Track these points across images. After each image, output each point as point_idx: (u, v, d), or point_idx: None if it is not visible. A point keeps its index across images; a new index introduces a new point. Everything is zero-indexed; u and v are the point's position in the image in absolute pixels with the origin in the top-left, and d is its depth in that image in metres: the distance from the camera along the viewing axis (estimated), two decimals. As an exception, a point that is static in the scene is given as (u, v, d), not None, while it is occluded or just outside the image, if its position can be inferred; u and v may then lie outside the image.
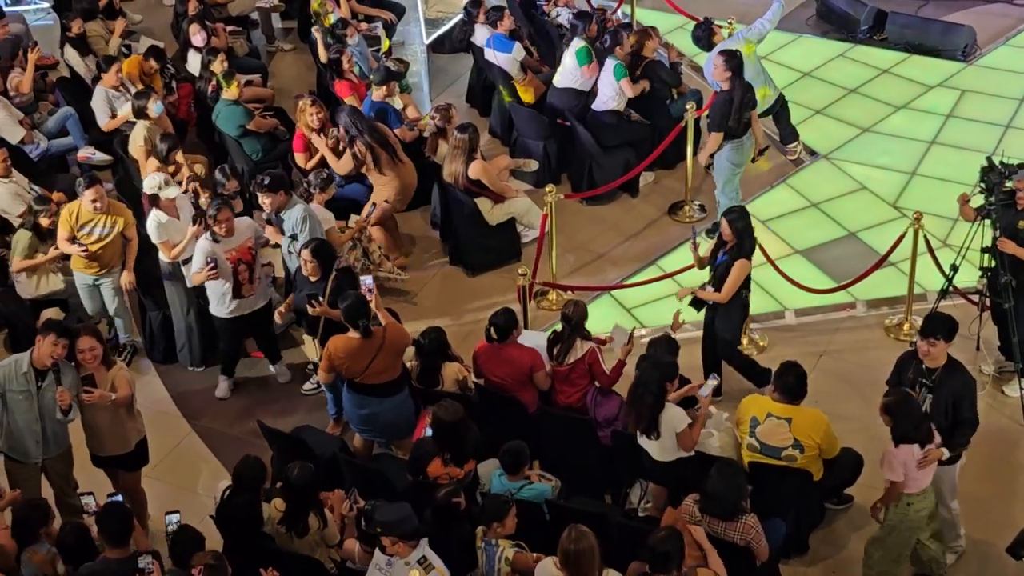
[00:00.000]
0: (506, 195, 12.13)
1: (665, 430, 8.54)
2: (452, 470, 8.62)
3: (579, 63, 12.83)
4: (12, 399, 8.76)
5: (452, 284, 12.20)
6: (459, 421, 8.62)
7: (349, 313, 9.35)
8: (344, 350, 9.41)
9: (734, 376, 10.38)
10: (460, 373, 9.65)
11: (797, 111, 13.57)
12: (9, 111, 12.92)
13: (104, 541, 7.83)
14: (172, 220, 10.67)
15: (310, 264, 9.97)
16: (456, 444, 8.65)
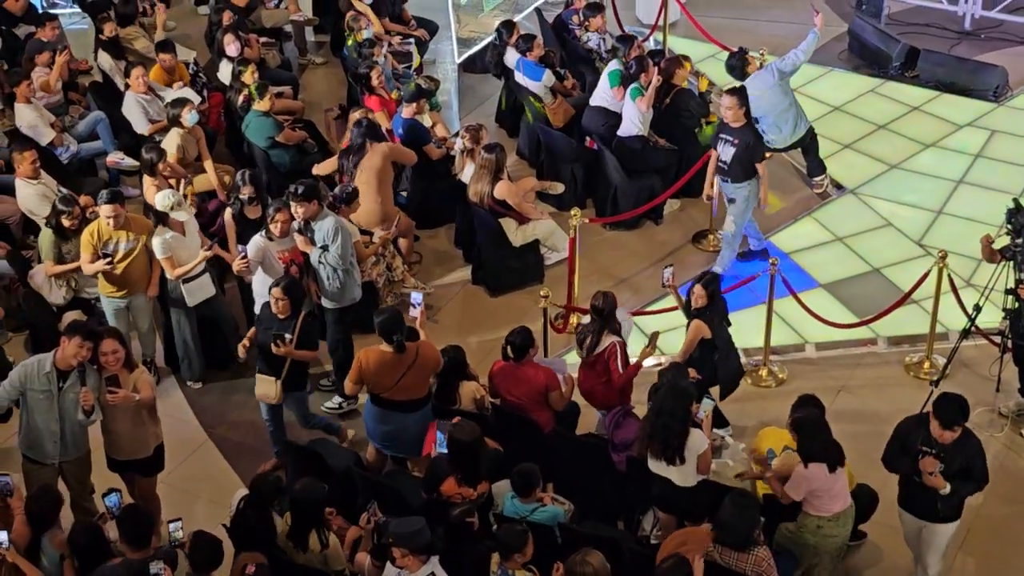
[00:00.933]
0: (531, 217, 12.16)
1: (689, 455, 8.49)
2: (465, 490, 8.62)
3: (610, 84, 12.89)
4: (32, 398, 8.79)
5: (473, 303, 12.23)
6: (474, 441, 8.63)
7: (384, 327, 9.36)
8: (376, 363, 9.41)
9: (750, 409, 10.37)
10: (477, 392, 9.66)
11: (826, 145, 13.58)
12: (40, 113, 13.00)
13: (124, 543, 7.85)
14: (178, 236, 10.58)
15: (281, 302, 9.64)
16: (470, 464, 8.66)
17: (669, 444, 8.47)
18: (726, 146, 11.54)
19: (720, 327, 9.95)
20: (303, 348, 9.70)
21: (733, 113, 11.52)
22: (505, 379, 9.63)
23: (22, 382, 8.80)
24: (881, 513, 9.07)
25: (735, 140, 11.48)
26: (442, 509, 8.30)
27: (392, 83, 13.84)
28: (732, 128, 11.54)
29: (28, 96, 12.89)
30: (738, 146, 11.45)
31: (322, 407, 10.87)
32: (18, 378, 8.81)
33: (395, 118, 12.87)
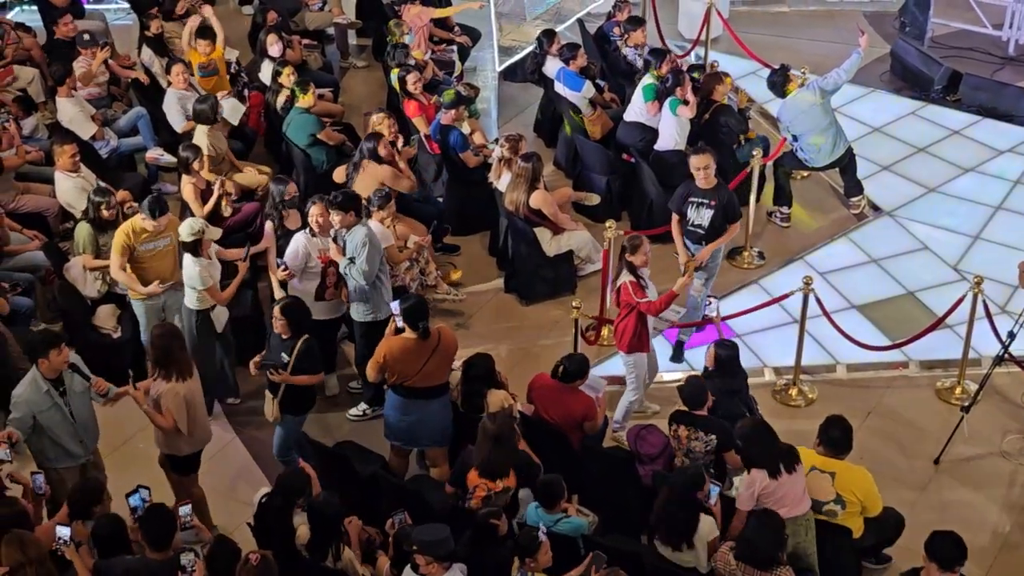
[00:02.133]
0: (566, 227, 12.16)
1: (699, 542, 8.29)
2: (487, 482, 8.69)
3: (644, 98, 12.88)
4: (44, 418, 8.87)
5: (505, 311, 12.24)
6: (500, 434, 8.69)
7: (410, 313, 9.42)
8: (400, 350, 9.45)
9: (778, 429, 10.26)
10: (506, 400, 9.64)
11: (864, 166, 13.53)
12: (82, 107, 13.08)
13: (145, 543, 7.89)
14: (212, 263, 10.43)
15: (279, 322, 9.58)
16: (495, 456, 8.71)
17: (675, 530, 8.29)
18: (701, 210, 11.00)
19: (729, 402, 9.61)
20: (301, 373, 9.56)
21: (708, 175, 10.96)
22: (544, 396, 9.63)
23: (31, 411, 8.86)
24: (907, 538, 9.02)
25: (711, 202, 10.97)
26: (467, 515, 8.30)
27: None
28: (705, 191, 11.01)
29: (70, 90, 12.97)
30: (716, 207, 10.97)
31: (347, 414, 10.90)
32: (26, 410, 8.84)
33: (433, 124, 12.89)
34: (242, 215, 12.09)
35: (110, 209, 10.95)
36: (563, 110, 13.82)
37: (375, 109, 14.08)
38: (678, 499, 8.30)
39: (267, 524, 8.47)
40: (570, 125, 13.69)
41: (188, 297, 10.40)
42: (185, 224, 10.30)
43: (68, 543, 7.81)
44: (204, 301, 10.36)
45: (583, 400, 9.53)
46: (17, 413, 8.85)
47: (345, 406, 10.98)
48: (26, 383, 8.91)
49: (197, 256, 10.21)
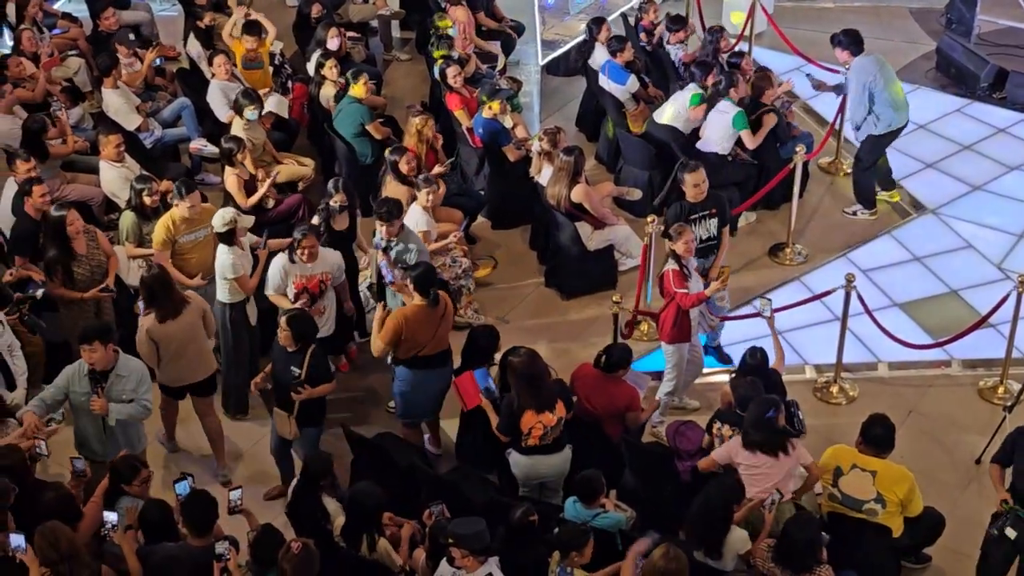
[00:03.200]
0: (607, 221, 12.12)
1: (728, 552, 8.24)
2: (545, 417, 8.84)
3: (690, 103, 12.75)
4: (76, 400, 8.98)
5: (545, 306, 12.22)
6: (533, 369, 8.89)
7: (420, 281, 9.53)
8: (415, 319, 9.58)
9: (818, 426, 10.28)
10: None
11: (909, 163, 13.47)
12: (127, 98, 13.13)
13: (187, 528, 7.93)
14: (244, 253, 10.45)
15: (284, 333, 9.38)
16: (540, 388, 8.88)
17: (705, 540, 8.23)
18: (706, 222, 10.80)
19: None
20: (315, 383, 9.47)
21: (703, 191, 10.77)
22: (587, 385, 9.62)
23: (66, 384, 8.99)
24: (947, 537, 8.96)
25: (712, 211, 10.84)
26: (504, 509, 8.30)
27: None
28: (702, 203, 10.81)
29: (115, 81, 13.04)
30: (717, 213, 10.87)
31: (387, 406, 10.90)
32: (63, 381, 9.00)
33: (475, 117, 12.88)
34: (284, 207, 12.12)
35: (152, 196, 10.95)
36: (606, 105, 13.78)
37: (417, 104, 14.15)
38: (711, 509, 8.24)
39: (300, 509, 8.52)
40: (612, 121, 13.65)
41: (219, 290, 10.42)
42: (217, 215, 10.36)
43: (116, 527, 7.86)
44: (235, 294, 10.37)
45: (626, 390, 9.52)
46: (53, 383, 9.02)
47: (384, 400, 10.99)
48: (79, 361, 9.01)
49: (231, 246, 10.26)
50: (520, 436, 9.00)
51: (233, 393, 10.79)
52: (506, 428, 9.09)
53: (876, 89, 12.41)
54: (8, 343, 9.71)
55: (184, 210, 10.60)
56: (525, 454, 9.11)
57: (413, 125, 12.39)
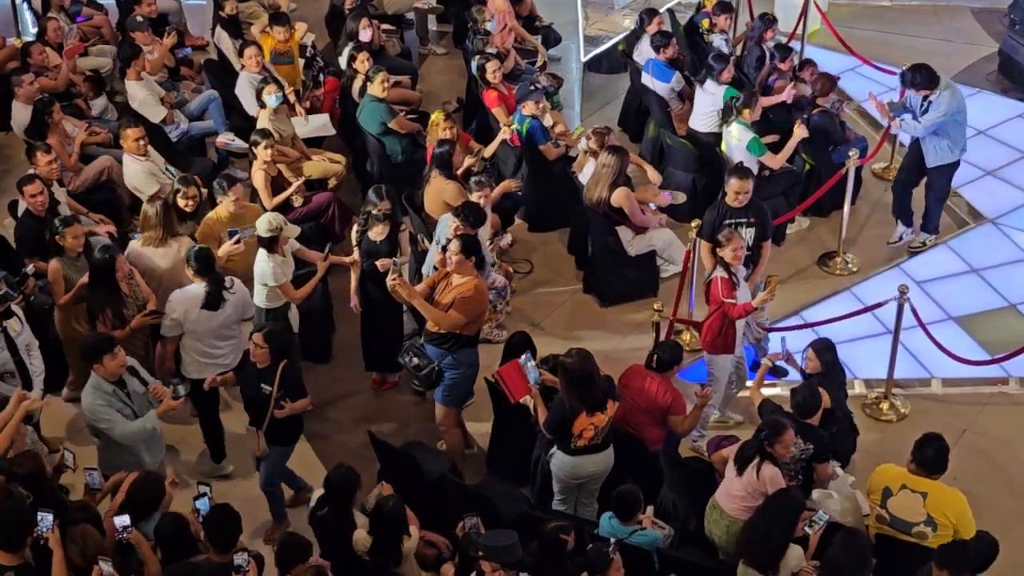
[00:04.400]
0: (647, 226, 12.10)
1: (783, 570, 8.19)
2: (597, 418, 8.88)
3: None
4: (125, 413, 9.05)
5: (582, 312, 12.23)
6: (587, 369, 8.91)
7: (468, 245, 9.72)
8: (485, 290, 9.95)
9: (868, 443, 10.25)
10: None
11: (967, 170, 13.35)
12: (152, 90, 13.21)
13: (209, 543, 7.94)
14: (286, 260, 10.43)
15: (260, 350, 9.24)
16: (593, 390, 8.91)
17: (765, 553, 8.17)
18: (742, 230, 10.63)
19: (840, 398, 9.76)
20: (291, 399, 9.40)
21: (745, 199, 10.65)
22: (633, 380, 9.66)
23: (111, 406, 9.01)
24: (1000, 563, 8.89)
25: (751, 219, 10.74)
26: (536, 524, 8.31)
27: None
28: (741, 209, 10.71)
29: (139, 72, 13.12)
30: (756, 224, 10.79)
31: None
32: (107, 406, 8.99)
33: (514, 115, 12.89)
34: (313, 205, 12.16)
35: (187, 200, 10.97)
36: (650, 104, 13.77)
37: (453, 100, 14.19)
38: (773, 520, 8.20)
39: (324, 525, 8.55)
40: (656, 121, 13.64)
41: (258, 295, 10.43)
42: (263, 218, 10.35)
43: (131, 529, 7.90)
44: (273, 299, 10.40)
45: (672, 392, 9.54)
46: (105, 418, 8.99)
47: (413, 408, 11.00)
48: (89, 392, 8.99)
49: (272, 252, 10.26)
50: (570, 438, 9.01)
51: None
52: (554, 428, 9.09)
53: (960, 118, 12.16)
54: (27, 341, 9.78)
55: (229, 205, 10.67)
56: (572, 455, 9.13)
57: (431, 125, 12.47)
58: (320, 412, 10.94)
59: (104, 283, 10.02)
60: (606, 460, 9.23)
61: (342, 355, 11.53)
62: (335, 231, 12.19)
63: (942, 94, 11.94)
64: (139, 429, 9.04)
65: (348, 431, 10.85)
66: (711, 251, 10.43)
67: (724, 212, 10.71)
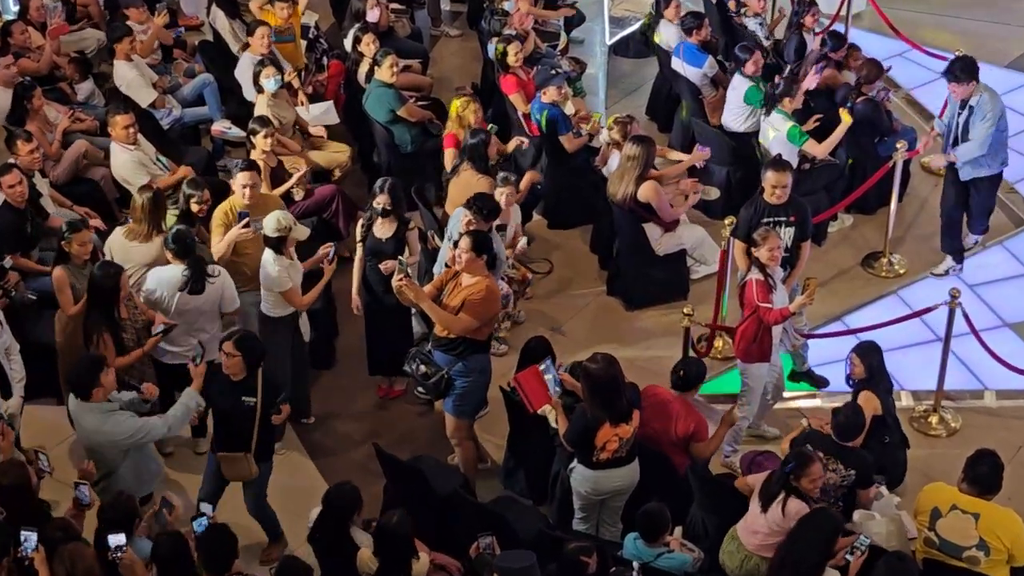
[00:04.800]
0: (678, 214, 12.08)
1: None
2: (622, 429, 8.86)
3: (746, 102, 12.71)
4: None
5: (606, 317, 12.22)
6: (614, 375, 8.89)
7: (480, 242, 9.68)
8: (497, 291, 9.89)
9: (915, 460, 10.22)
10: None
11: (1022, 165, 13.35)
12: (141, 71, 13.23)
13: (202, 565, 7.96)
14: (294, 264, 10.33)
15: (233, 359, 9.04)
16: (618, 399, 8.90)
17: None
18: (781, 229, 10.60)
19: (889, 404, 9.78)
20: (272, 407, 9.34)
21: (784, 194, 10.65)
22: (651, 406, 9.56)
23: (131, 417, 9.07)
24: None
25: (791, 218, 10.72)
26: (555, 544, 8.30)
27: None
28: (780, 207, 10.70)
29: (128, 53, 13.13)
30: (796, 223, 10.76)
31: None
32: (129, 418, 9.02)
33: (534, 102, 12.89)
34: (316, 198, 12.17)
35: (201, 204, 10.88)
36: (680, 90, 13.76)
37: (467, 86, 14.17)
38: (808, 541, 8.18)
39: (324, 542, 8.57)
40: (687, 109, 13.64)
41: (264, 302, 10.34)
42: (271, 216, 10.19)
43: (125, 548, 7.90)
44: (281, 305, 10.30)
45: (692, 416, 9.49)
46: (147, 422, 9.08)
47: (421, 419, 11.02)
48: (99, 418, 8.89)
49: (279, 254, 10.16)
50: (592, 451, 9.00)
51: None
52: (576, 440, 9.07)
53: (1002, 124, 11.95)
54: (6, 344, 9.80)
55: (240, 193, 10.64)
56: (594, 468, 9.12)
57: (453, 108, 12.45)
58: (322, 422, 10.99)
59: (103, 304, 9.84)
60: (631, 475, 9.22)
61: (345, 360, 11.55)
62: (339, 227, 12.19)
63: (982, 97, 11.76)
64: (183, 412, 9.09)
65: (352, 443, 10.86)
66: (745, 251, 10.41)
67: (761, 209, 10.69)
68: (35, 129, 11.96)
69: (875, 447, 9.55)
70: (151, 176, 11.68)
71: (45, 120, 12.46)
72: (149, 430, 8.98)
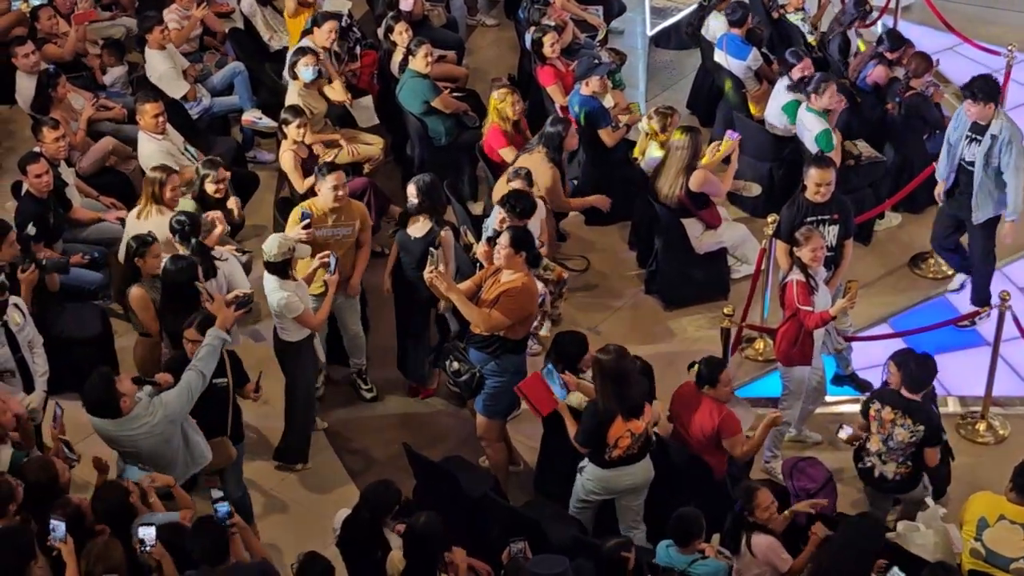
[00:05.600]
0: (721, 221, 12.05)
1: None
2: (634, 424, 8.93)
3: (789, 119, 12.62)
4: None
5: (644, 317, 12.19)
6: (625, 368, 8.96)
7: (519, 239, 9.71)
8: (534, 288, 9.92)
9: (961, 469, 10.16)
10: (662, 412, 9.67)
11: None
12: (174, 61, 13.26)
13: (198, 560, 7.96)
14: (299, 284, 10.12)
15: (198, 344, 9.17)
16: (630, 391, 8.95)
17: None
18: (824, 228, 10.57)
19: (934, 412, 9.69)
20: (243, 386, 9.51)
21: (828, 192, 10.56)
22: (682, 403, 9.61)
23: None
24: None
25: (834, 216, 10.64)
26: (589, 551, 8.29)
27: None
28: (823, 205, 10.63)
29: (161, 42, 13.15)
30: (840, 221, 10.68)
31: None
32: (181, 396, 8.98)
33: (571, 95, 12.86)
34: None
35: (217, 184, 10.96)
36: (722, 83, 13.71)
37: (504, 77, 14.15)
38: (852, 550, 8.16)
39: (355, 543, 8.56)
40: (730, 102, 13.57)
41: (283, 331, 10.10)
42: (272, 240, 9.89)
43: (155, 543, 7.91)
44: (296, 330, 10.04)
45: (720, 409, 9.44)
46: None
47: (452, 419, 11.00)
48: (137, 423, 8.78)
49: (285, 279, 9.90)
50: (604, 448, 9.02)
51: (293, 440, 10.60)
52: (588, 439, 9.11)
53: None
54: (29, 338, 9.83)
55: (328, 195, 10.45)
56: (607, 468, 9.14)
57: (491, 101, 12.44)
58: (351, 421, 10.98)
59: (183, 298, 9.76)
60: (644, 472, 9.25)
61: (376, 357, 11.52)
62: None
63: (1004, 127, 11.14)
64: (209, 352, 9.00)
65: (381, 443, 10.86)
66: (788, 251, 10.34)
67: (804, 208, 10.63)
68: (59, 117, 11.99)
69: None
70: (179, 167, 11.69)
71: (70, 108, 12.51)
72: (190, 384, 8.86)
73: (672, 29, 15.55)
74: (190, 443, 9.05)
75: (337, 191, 10.42)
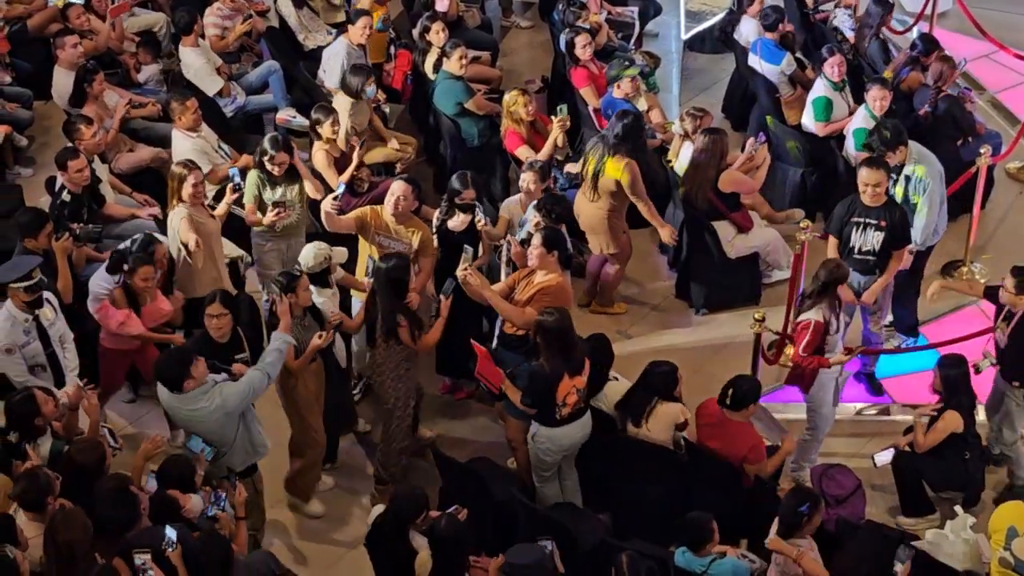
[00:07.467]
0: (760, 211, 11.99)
1: None
2: (578, 381, 9.25)
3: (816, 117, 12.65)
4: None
5: (673, 321, 12.18)
6: (565, 325, 9.21)
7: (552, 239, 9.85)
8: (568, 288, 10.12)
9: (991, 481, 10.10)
10: (683, 414, 9.59)
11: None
12: (208, 58, 13.31)
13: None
14: (334, 293, 10.26)
15: (224, 318, 9.49)
16: (574, 349, 9.22)
17: None
18: (869, 232, 10.57)
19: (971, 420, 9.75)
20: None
21: (879, 193, 10.48)
22: (706, 423, 9.56)
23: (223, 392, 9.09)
24: None
25: (880, 222, 10.53)
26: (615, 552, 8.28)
27: None
28: (873, 208, 10.55)
29: (196, 39, 13.19)
30: (887, 228, 10.54)
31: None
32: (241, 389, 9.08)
33: (605, 97, 12.83)
34: (379, 192, 12.10)
35: (275, 165, 10.92)
36: (756, 88, 13.67)
37: (537, 79, 14.14)
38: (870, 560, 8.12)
39: (382, 545, 8.59)
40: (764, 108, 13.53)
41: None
42: (307, 250, 10.09)
43: (175, 544, 7.94)
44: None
45: (748, 439, 9.38)
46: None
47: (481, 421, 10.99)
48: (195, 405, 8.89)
49: (326, 287, 10.13)
50: (554, 407, 9.20)
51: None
52: (537, 399, 9.31)
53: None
54: (60, 332, 9.86)
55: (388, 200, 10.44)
56: (558, 426, 9.33)
57: (504, 104, 12.46)
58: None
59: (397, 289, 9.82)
60: (588, 424, 9.52)
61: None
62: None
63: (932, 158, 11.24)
64: (276, 357, 9.17)
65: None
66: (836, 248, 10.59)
67: (853, 209, 10.62)
68: (92, 114, 12.02)
69: (956, 464, 9.48)
70: (212, 165, 11.71)
71: (104, 106, 12.53)
72: (253, 384, 9.01)
73: (707, 33, 15.52)
74: (251, 432, 9.20)
75: (397, 202, 10.37)
